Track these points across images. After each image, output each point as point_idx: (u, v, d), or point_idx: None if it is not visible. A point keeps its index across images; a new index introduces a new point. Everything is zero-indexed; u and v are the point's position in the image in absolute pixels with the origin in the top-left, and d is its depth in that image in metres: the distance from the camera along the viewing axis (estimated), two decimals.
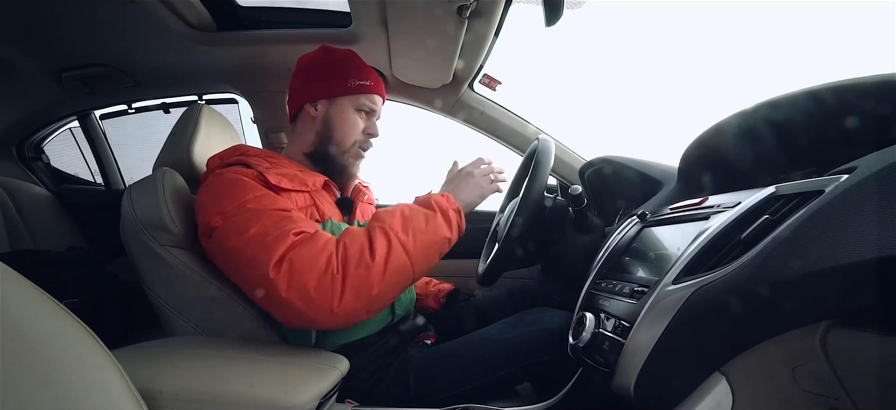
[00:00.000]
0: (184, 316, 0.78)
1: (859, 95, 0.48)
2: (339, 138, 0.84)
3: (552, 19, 0.74)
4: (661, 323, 0.45)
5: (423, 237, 0.67)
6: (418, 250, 0.66)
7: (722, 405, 0.44)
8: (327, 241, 0.64)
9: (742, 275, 0.39)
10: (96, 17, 1.00)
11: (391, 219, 0.67)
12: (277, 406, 0.49)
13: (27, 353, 0.36)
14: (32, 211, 1.33)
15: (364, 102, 0.85)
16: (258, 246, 0.62)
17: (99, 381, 0.41)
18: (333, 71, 0.84)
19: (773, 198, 0.44)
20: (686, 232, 0.52)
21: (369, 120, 0.87)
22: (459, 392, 0.72)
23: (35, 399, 0.35)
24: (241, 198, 0.67)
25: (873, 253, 0.30)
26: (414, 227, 0.67)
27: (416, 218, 0.69)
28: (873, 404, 0.35)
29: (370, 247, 0.64)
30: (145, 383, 0.48)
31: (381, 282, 0.62)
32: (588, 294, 0.65)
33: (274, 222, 0.64)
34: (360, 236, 0.66)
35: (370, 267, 0.62)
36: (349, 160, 0.86)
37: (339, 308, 0.60)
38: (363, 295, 0.62)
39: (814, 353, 0.36)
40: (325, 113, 0.84)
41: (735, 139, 0.65)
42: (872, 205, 0.32)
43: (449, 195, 0.74)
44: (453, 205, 0.73)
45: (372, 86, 0.85)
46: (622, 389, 0.50)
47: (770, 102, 0.57)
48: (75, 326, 0.41)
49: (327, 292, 0.60)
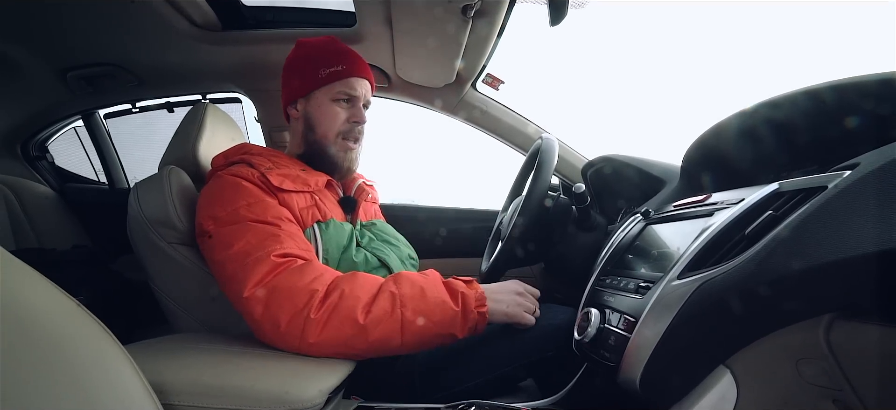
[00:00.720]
0: (190, 313, 0.78)
1: (860, 95, 0.48)
2: (321, 134, 0.83)
3: (557, 19, 0.74)
4: (666, 318, 0.46)
5: (429, 326, 0.63)
6: (416, 334, 0.62)
7: (726, 398, 0.44)
8: (317, 278, 0.62)
9: (746, 270, 0.39)
10: (102, 16, 1.01)
11: (408, 291, 0.63)
12: (285, 401, 0.49)
13: (46, 347, 0.37)
14: (37, 210, 1.34)
15: (340, 90, 0.82)
16: (238, 265, 0.62)
17: (114, 373, 0.42)
18: (304, 66, 0.83)
19: (777, 194, 0.44)
20: (689, 229, 0.53)
21: (352, 107, 0.84)
22: (464, 389, 0.73)
23: (55, 392, 0.36)
24: (235, 203, 0.68)
25: (874, 247, 0.31)
26: (426, 312, 0.63)
27: (433, 303, 0.64)
28: (876, 395, 0.36)
29: (368, 305, 0.61)
30: (153, 376, 0.48)
31: (363, 343, 0.60)
32: (592, 290, 0.66)
33: (259, 240, 0.64)
34: (364, 289, 0.63)
35: (357, 326, 0.60)
36: (338, 153, 0.84)
37: (306, 346, 0.59)
38: (340, 347, 0.61)
39: (817, 346, 0.37)
40: (304, 111, 0.84)
41: (736, 138, 0.65)
42: (874, 200, 0.33)
43: (484, 295, 0.68)
44: (482, 307, 0.66)
45: (344, 70, 0.82)
46: (628, 383, 0.51)
47: (770, 102, 0.58)
48: (90, 321, 0.42)
49: (298, 329, 0.59)
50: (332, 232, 0.76)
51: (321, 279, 0.62)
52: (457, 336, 0.65)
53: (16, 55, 1.12)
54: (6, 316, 0.35)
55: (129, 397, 0.42)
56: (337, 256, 0.76)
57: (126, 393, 0.42)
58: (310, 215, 0.75)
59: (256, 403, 0.49)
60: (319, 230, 0.75)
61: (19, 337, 0.36)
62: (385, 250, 0.83)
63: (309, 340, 0.59)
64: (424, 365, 0.76)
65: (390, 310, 0.61)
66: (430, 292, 0.64)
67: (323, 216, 0.77)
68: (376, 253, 0.81)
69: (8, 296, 0.36)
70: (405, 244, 0.94)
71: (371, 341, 0.61)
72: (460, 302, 0.65)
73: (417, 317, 0.62)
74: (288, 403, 0.49)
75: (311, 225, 0.75)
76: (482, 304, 0.66)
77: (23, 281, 0.38)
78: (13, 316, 0.36)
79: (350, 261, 0.76)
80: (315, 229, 0.75)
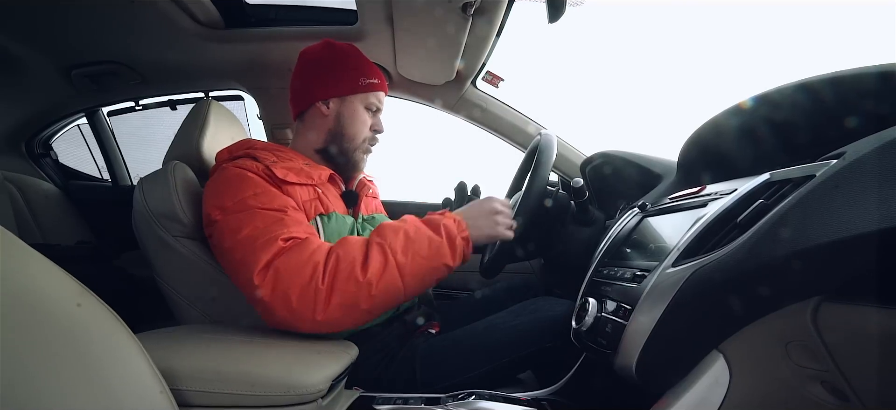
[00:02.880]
0: (195, 306, 0.80)
1: (859, 95, 0.47)
2: (350, 136, 0.86)
3: (555, 16, 0.76)
4: (661, 305, 0.47)
5: (422, 262, 0.66)
6: (414, 274, 0.66)
7: (720, 382, 0.45)
8: (315, 250, 0.64)
9: (737, 257, 0.41)
10: (106, 14, 1.02)
11: (393, 237, 0.66)
12: (289, 386, 0.51)
13: (58, 330, 0.38)
14: (41, 206, 1.35)
15: (372, 101, 0.87)
16: (247, 250, 0.64)
17: (123, 358, 0.43)
18: (344, 69, 0.86)
19: (768, 184, 0.46)
20: (685, 220, 0.54)
21: (376, 117, 0.90)
22: (464, 379, 0.74)
23: (66, 374, 0.37)
24: (242, 193, 0.69)
25: (855, 231, 0.32)
26: (415, 250, 0.66)
27: (419, 240, 0.67)
28: (861, 374, 0.37)
29: (364, 262, 0.64)
30: (161, 362, 0.50)
31: (369, 299, 0.63)
32: (590, 281, 0.67)
33: (266, 225, 0.66)
34: (356, 248, 0.65)
35: (360, 283, 0.62)
36: (358, 156, 0.89)
37: (322, 317, 0.61)
38: (350, 310, 0.63)
39: (805, 329, 0.38)
40: (336, 111, 0.85)
41: (731, 132, 0.67)
42: (856, 188, 0.34)
43: (462, 221, 0.72)
44: (463, 232, 0.70)
45: (379, 84, 0.88)
46: (624, 369, 0.52)
47: (769, 100, 0.57)
48: (100, 307, 0.43)
49: (310, 302, 0.61)
50: (334, 224, 0.78)
51: (319, 250, 0.65)
52: (450, 265, 0.69)
53: (21, 53, 1.14)
54: (20, 299, 0.37)
55: (139, 381, 0.44)
56: None
57: (135, 377, 0.44)
58: (313, 208, 0.77)
59: (261, 388, 0.50)
60: (322, 223, 0.77)
61: (32, 320, 0.37)
62: None
63: (320, 311, 0.61)
64: (425, 357, 0.77)
65: (384, 260, 0.64)
66: (413, 232, 0.68)
67: (325, 209, 0.78)
68: None
69: (21, 281, 0.38)
70: None
71: (375, 294, 0.63)
72: (443, 232, 0.69)
73: (409, 258, 0.65)
74: (292, 389, 0.51)
75: (314, 217, 0.76)
76: (463, 230, 0.71)
77: (35, 267, 0.40)
78: (27, 299, 0.37)
79: None
80: (318, 221, 0.76)
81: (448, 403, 0.64)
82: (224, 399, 0.50)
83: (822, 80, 0.51)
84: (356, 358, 0.66)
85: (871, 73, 0.47)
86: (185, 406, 0.48)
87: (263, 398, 0.50)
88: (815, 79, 0.52)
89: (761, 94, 0.59)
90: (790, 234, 0.37)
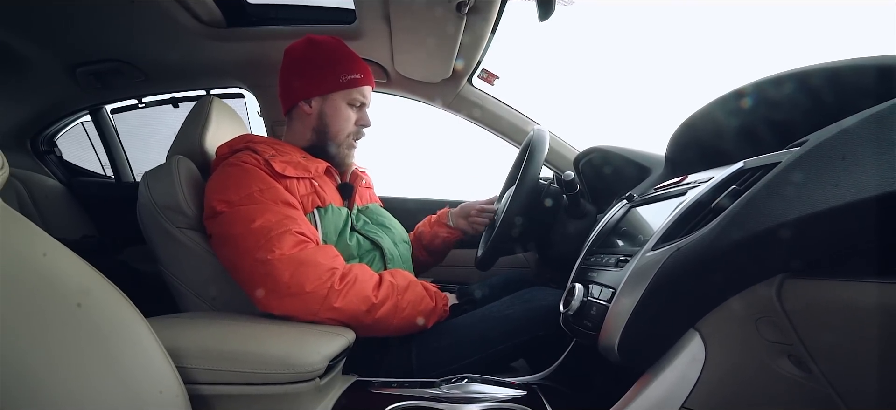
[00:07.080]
0: (199, 296, 0.82)
1: (859, 94, 0.46)
2: (333, 133, 0.88)
3: (545, 15, 0.79)
4: (641, 286, 0.49)
5: (413, 314, 0.77)
6: (404, 318, 0.76)
7: (696, 358, 0.48)
8: (335, 258, 0.73)
9: (707, 239, 0.43)
10: (111, 13, 1.05)
11: (402, 282, 0.78)
12: (290, 364, 0.54)
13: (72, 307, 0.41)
14: (46, 202, 1.38)
15: (355, 96, 0.88)
16: (262, 237, 0.68)
17: (133, 335, 0.46)
18: (324, 67, 0.86)
19: (741, 171, 0.48)
20: (667, 208, 0.57)
21: (361, 111, 0.90)
22: (459, 366, 0.76)
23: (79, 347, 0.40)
24: (248, 188, 0.72)
25: (814, 209, 0.35)
26: (412, 301, 0.77)
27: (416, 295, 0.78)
28: (822, 346, 0.39)
29: (376, 290, 0.73)
30: (169, 342, 0.52)
31: (370, 319, 0.71)
32: (579, 269, 0.70)
33: (278, 219, 0.70)
34: (371, 276, 0.75)
35: (369, 303, 0.71)
36: (344, 151, 0.90)
37: (326, 308, 0.68)
38: (352, 316, 0.70)
39: (772, 305, 0.41)
40: (318, 109, 0.87)
41: (714, 125, 0.69)
42: (817, 170, 0.37)
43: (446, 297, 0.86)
44: (445, 305, 0.84)
45: (362, 78, 0.88)
46: (607, 350, 0.55)
47: (764, 96, 0.57)
48: (110, 288, 0.46)
49: (322, 293, 0.68)
50: (330, 216, 0.81)
51: (339, 260, 0.74)
52: (427, 324, 0.79)
53: (28, 52, 1.17)
54: (36, 278, 0.40)
55: (148, 357, 0.46)
56: (334, 239, 0.80)
57: (145, 354, 0.46)
58: (310, 201, 0.79)
59: (263, 366, 0.53)
60: (319, 215, 0.80)
61: (47, 297, 0.40)
62: (379, 233, 0.88)
63: (332, 303, 0.68)
64: (421, 344, 0.79)
65: (390, 295, 0.74)
66: (413, 288, 0.79)
67: (322, 202, 0.81)
68: (369, 235, 0.86)
69: (36, 261, 0.40)
70: (399, 227, 0.99)
71: (376, 317, 0.72)
72: (434, 298, 0.81)
73: (407, 305, 0.76)
74: (292, 366, 0.53)
75: (312, 210, 0.79)
76: (445, 303, 0.84)
77: (50, 248, 0.42)
78: (41, 278, 0.40)
79: (344, 244, 0.81)
80: (315, 214, 0.79)
81: (442, 386, 0.66)
82: (228, 376, 0.53)
83: (818, 70, 0.50)
84: (353, 344, 0.69)
85: (871, 66, 0.46)
86: (191, 383, 0.51)
87: (264, 375, 0.53)
88: (811, 67, 0.51)
89: (739, 88, 0.61)
90: (755, 216, 0.39)
